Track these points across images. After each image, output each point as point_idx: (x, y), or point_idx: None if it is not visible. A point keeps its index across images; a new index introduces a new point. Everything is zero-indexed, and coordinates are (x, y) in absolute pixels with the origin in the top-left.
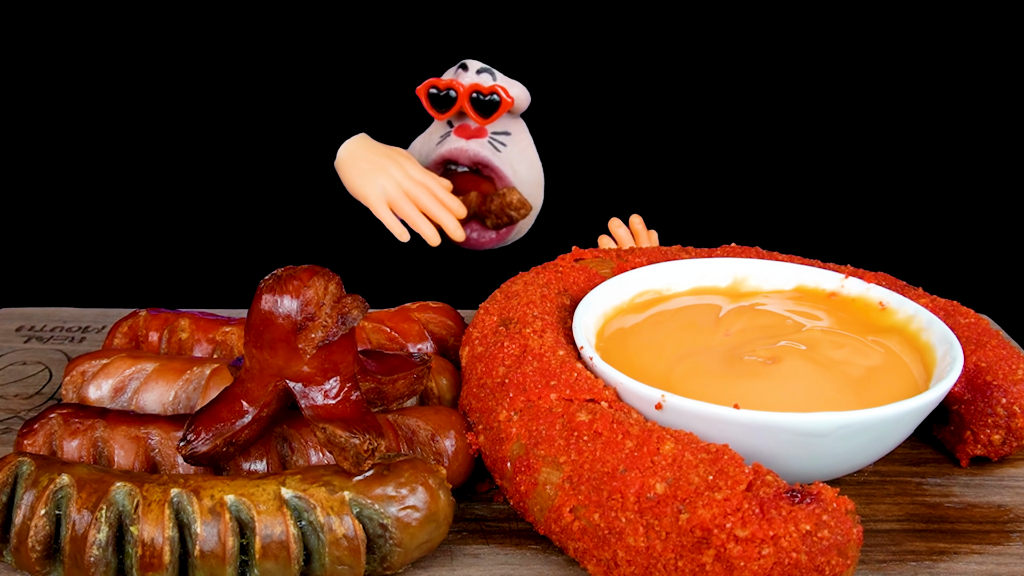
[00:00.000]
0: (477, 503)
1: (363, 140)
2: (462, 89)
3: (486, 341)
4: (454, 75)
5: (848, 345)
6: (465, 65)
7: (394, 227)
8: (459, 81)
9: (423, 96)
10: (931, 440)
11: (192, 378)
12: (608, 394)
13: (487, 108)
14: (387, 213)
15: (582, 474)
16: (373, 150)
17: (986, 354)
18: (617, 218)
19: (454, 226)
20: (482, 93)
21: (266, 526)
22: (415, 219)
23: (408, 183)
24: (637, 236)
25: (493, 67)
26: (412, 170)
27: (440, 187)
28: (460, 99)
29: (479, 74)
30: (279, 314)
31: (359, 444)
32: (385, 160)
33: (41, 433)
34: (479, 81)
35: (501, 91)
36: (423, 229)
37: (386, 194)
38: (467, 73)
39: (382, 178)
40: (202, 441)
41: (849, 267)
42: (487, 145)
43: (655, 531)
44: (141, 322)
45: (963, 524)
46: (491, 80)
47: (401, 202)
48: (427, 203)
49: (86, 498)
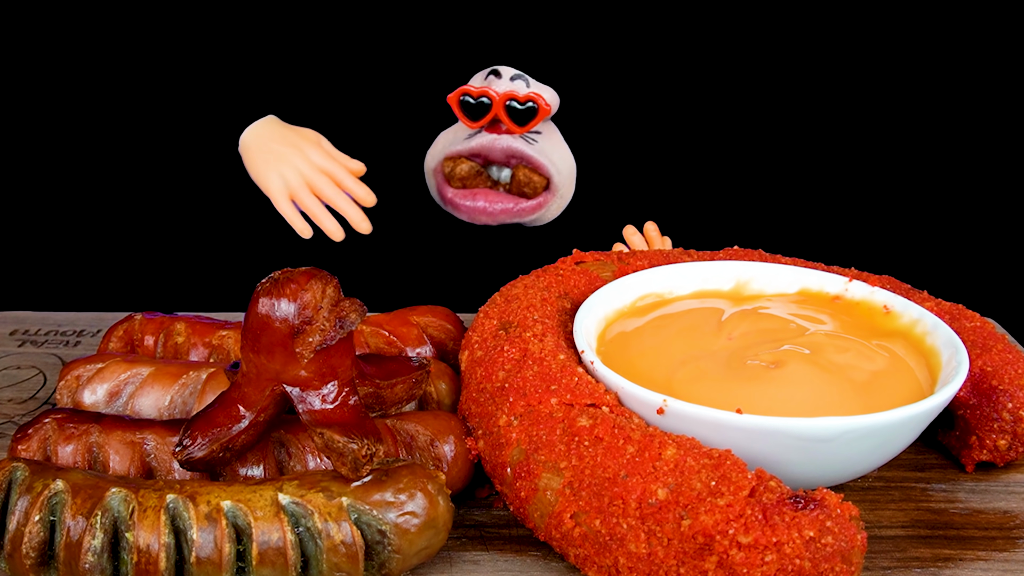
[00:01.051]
0: (476, 509)
1: (268, 124)
2: (497, 97)
3: (486, 345)
4: (485, 82)
5: (852, 349)
6: (497, 72)
7: (295, 222)
8: (493, 89)
9: (455, 104)
10: (936, 445)
11: (188, 383)
12: (609, 399)
13: (523, 116)
14: (287, 207)
15: (583, 480)
16: (276, 136)
17: (992, 358)
18: (631, 225)
19: (359, 217)
20: (518, 101)
21: (263, 532)
22: (315, 212)
23: (311, 172)
24: (651, 243)
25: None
26: (316, 156)
27: (346, 173)
28: (495, 107)
29: (513, 81)
30: (276, 318)
31: (357, 449)
32: (287, 148)
33: (35, 438)
34: (514, 88)
35: (538, 99)
36: (324, 223)
37: (287, 186)
38: (500, 80)
39: (283, 167)
40: (198, 446)
41: (853, 270)
42: (519, 139)
43: (657, 537)
44: (136, 326)
45: (969, 530)
46: (526, 87)
47: (302, 194)
48: (330, 193)
49: (81, 504)
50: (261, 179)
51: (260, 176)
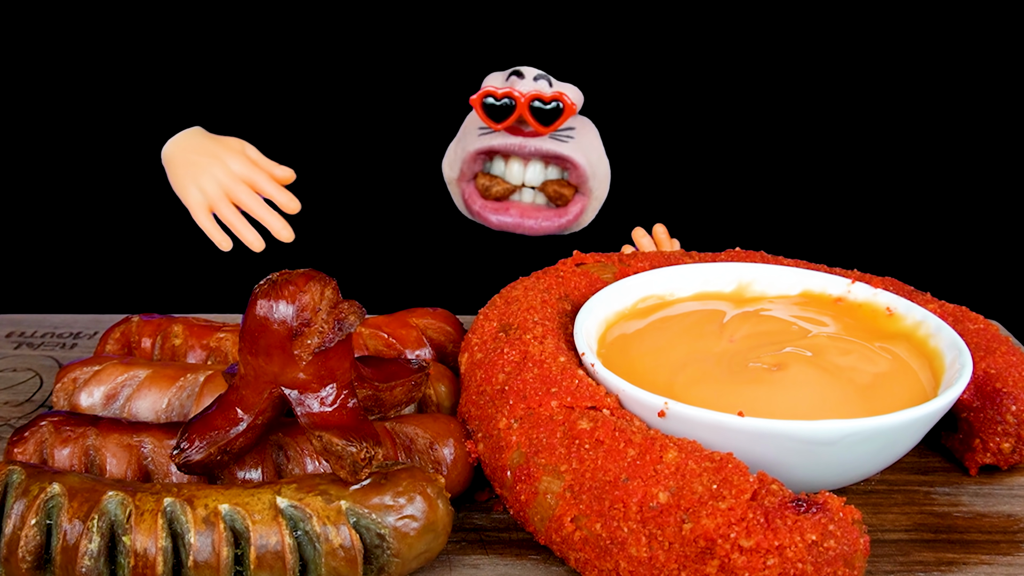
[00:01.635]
0: (476, 512)
1: (189, 135)
2: (521, 98)
3: (485, 347)
4: (507, 83)
5: (855, 351)
6: (520, 72)
7: (213, 235)
8: (517, 89)
9: (478, 106)
10: (939, 448)
11: (186, 385)
12: (610, 401)
13: (548, 116)
14: (206, 221)
15: (583, 483)
16: (196, 147)
17: (995, 361)
18: (641, 227)
19: (279, 225)
20: (543, 100)
21: (261, 536)
22: (232, 223)
23: (229, 182)
24: (660, 245)
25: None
26: (236, 165)
27: (268, 179)
28: (519, 108)
29: (536, 81)
30: (274, 320)
31: (356, 452)
32: (207, 159)
33: (32, 441)
34: (538, 88)
35: (563, 97)
36: (244, 235)
37: (207, 198)
38: (523, 80)
39: (202, 179)
40: (196, 449)
41: (856, 272)
42: (549, 140)
43: (658, 541)
44: (133, 328)
45: (972, 534)
46: (549, 87)
47: (221, 205)
48: (248, 202)
49: (77, 507)
50: (181, 192)
51: (179, 189)
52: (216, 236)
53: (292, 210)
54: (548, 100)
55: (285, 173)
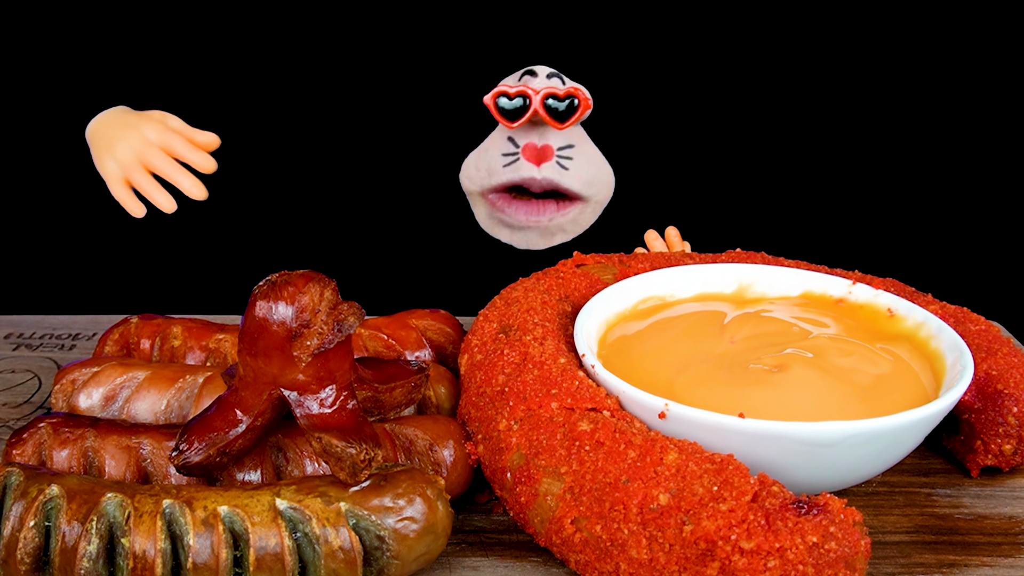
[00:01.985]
0: (476, 514)
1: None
2: (536, 95)
3: (485, 349)
4: (520, 81)
5: (856, 353)
6: (533, 71)
7: (126, 204)
8: (530, 87)
9: (491, 105)
10: (941, 450)
11: (185, 386)
12: (610, 403)
13: (563, 113)
14: (120, 190)
15: (584, 485)
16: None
17: (997, 362)
18: (653, 230)
19: (189, 183)
20: (558, 97)
21: (260, 538)
22: (145, 188)
23: (144, 148)
24: (672, 248)
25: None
26: (152, 133)
27: (183, 142)
28: (533, 106)
29: (549, 79)
30: (274, 321)
31: (355, 454)
32: (124, 130)
33: (30, 443)
34: (552, 85)
35: (578, 92)
36: (154, 197)
37: (122, 167)
38: (536, 79)
39: (118, 149)
40: (195, 451)
41: (857, 273)
42: (556, 167)
43: (658, 543)
44: (132, 329)
45: (974, 536)
46: (563, 84)
47: (134, 173)
48: (161, 165)
49: (76, 509)
50: (99, 166)
51: (98, 163)
52: (129, 204)
53: (208, 170)
54: (562, 96)
55: (207, 138)
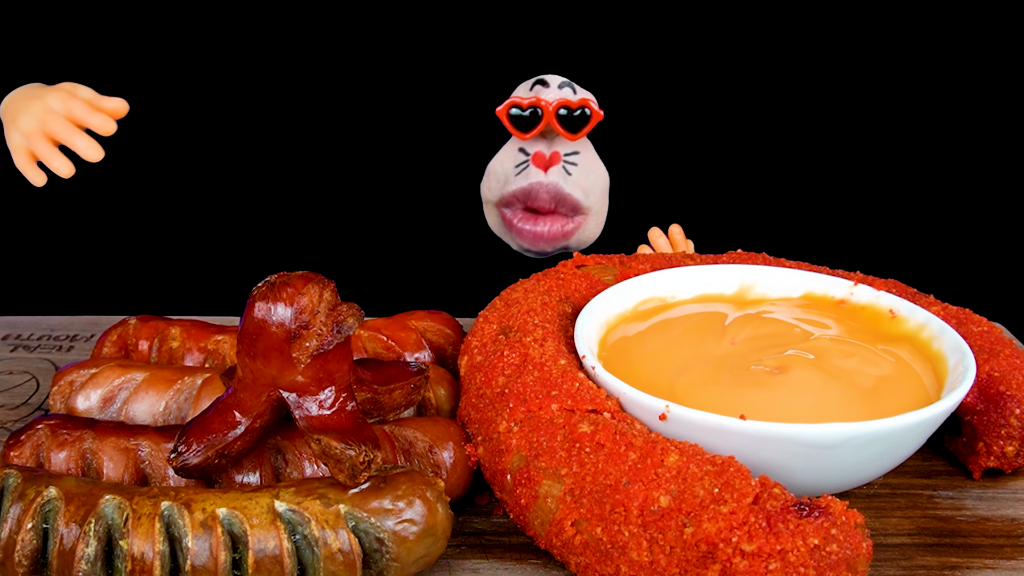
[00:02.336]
0: (476, 516)
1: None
2: (548, 106)
3: (485, 350)
4: (532, 92)
5: (857, 354)
6: (544, 81)
7: (28, 173)
8: (543, 98)
9: (504, 117)
10: (943, 452)
11: (183, 388)
12: (611, 404)
13: (576, 123)
14: (22, 160)
15: (584, 487)
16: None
17: (999, 363)
18: (657, 228)
19: (84, 145)
20: (570, 108)
21: (259, 540)
22: (43, 154)
23: (46, 116)
24: (675, 246)
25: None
26: (56, 102)
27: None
28: (546, 117)
29: (561, 89)
30: (273, 322)
31: (355, 456)
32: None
33: (28, 445)
34: (564, 96)
35: (590, 104)
36: (51, 162)
37: (25, 137)
38: (548, 89)
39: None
40: (194, 453)
41: (858, 274)
42: (561, 172)
43: (659, 545)
44: (131, 330)
45: (976, 538)
46: (574, 94)
47: (35, 141)
48: (60, 131)
49: (74, 511)
50: (7, 140)
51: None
52: (30, 174)
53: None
54: (575, 107)
55: (113, 104)
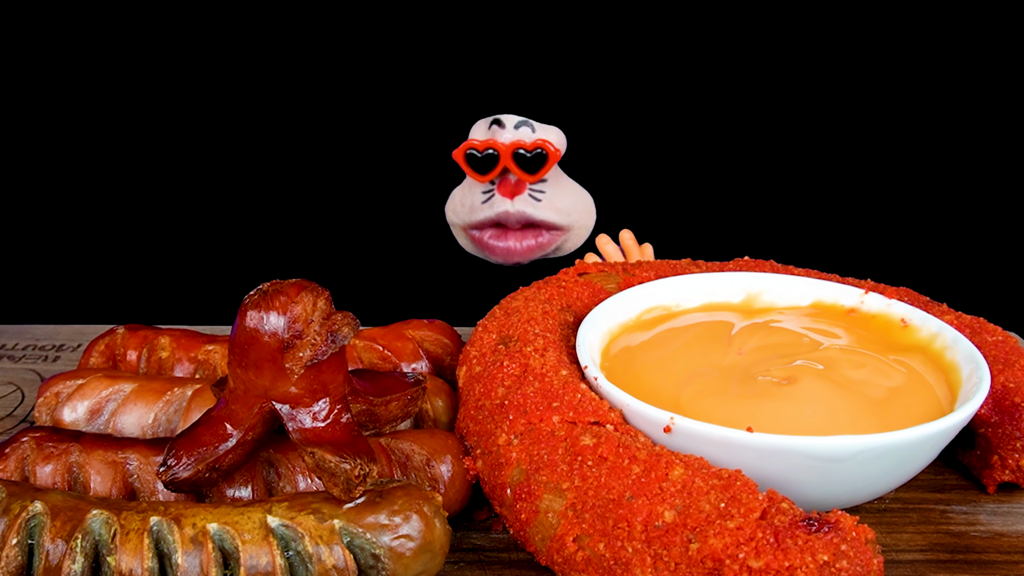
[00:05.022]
0: (475, 532)
1: None
2: (504, 148)
3: (484, 360)
4: (488, 133)
5: (868, 364)
6: (500, 121)
7: None
8: (498, 140)
9: (460, 160)
10: (956, 465)
11: (173, 399)
12: (614, 416)
13: (533, 164)
14: None
15: (586, 501)
16: None
17: (1015, 374)
18: (605, 234)
19: None
20: (526, 149)
21: (251, 556)
22: None
23: None
24: (628, 252)
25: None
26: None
27: None
28: (503, 159)
29: (518, 128)
30: (265, 332)
31: (350, 469)
32: None
33: (13, 458)
34: (520, 137)
35: (546, 145)
36: None
37: None
38: (504, 130)
39: None
40: (183, 466)
41: (869, 282)
42: (529, 200)
43: (664, 562)
44: (119, 340)
45: (990, 554)
46: (532, 133)
47: None
48: None
49: (60, 527)
50: None
51: None
52: None
53: None
54: (531, 148)
55: None
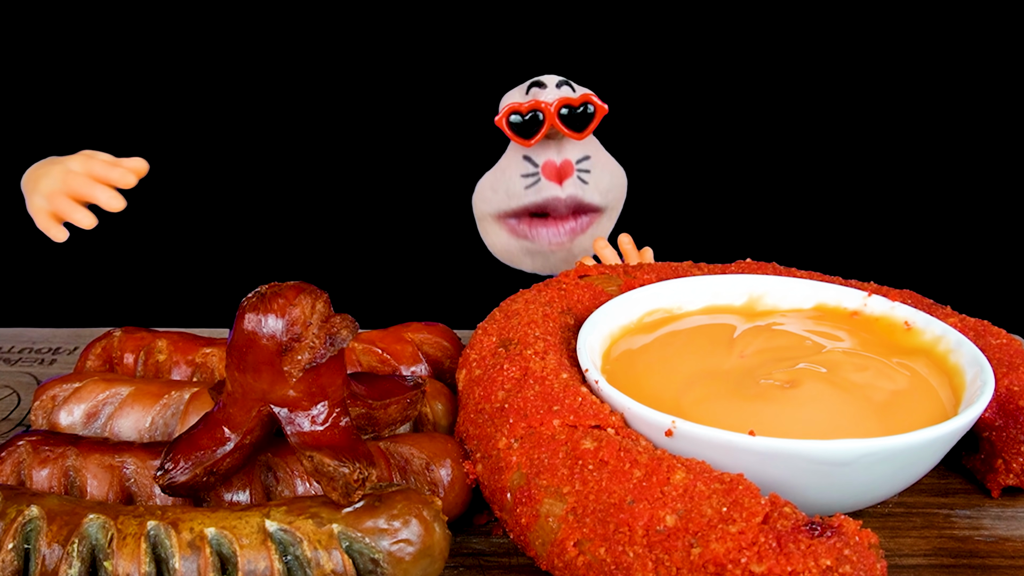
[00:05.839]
0: (475, 536)
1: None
2: (550, 107)
3: (484, 363)
4: (528, 95)
5: (871, 368)
6: (540, 82)
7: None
8: (542, 99)
9: (503, 125)
10: (960, 469)
11: (170, 403)
12: (615, 420)
13: (580, 122)
14: (44, 220)
15: (587, 506)
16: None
17: (1019, 377)
18: (602, 238)
19: (106, 197)
20: (573, 106)
21: (249, 561)
22: (66, 211)
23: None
24: (627, 257)
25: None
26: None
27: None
28: (548, 119)
29: (560, 88)
30: (263, 334)
31: (348, 473)
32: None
33: (9, 462)
34: (564, 94)
35: (592, 99)
36: (74, 216)
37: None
38: (546, 90)
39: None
40: (181, 470)
41: (872, 284)
42: (578, 184)
43: (665, 567)
44: (115, 343)
45: (994, 559)
46: (574, 92)
47: (57, 200)
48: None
49: (57, 531)
50: (29, 207)
51: (28, 206)
52: (52, 231)
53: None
54: (577, 104)
55: (134, 164)
